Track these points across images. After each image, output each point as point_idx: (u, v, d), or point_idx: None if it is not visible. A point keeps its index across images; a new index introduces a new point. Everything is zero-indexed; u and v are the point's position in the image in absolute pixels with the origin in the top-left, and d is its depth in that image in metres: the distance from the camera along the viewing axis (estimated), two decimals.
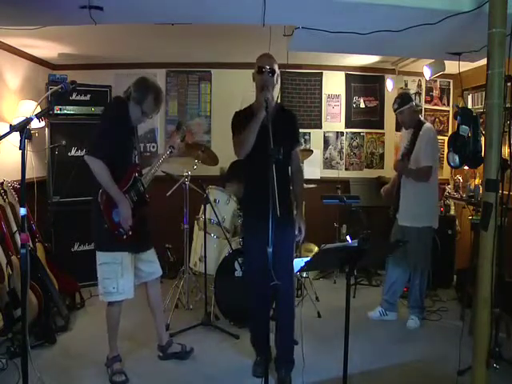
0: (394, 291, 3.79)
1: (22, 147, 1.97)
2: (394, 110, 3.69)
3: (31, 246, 3.47)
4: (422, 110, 5.26)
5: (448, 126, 5.50)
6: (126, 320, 2.86)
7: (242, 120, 2.70)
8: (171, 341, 3.10)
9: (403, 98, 3.65)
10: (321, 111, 5.36)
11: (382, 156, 5.45)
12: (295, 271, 2.78)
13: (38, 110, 3.39)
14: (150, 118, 2.84)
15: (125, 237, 2.68)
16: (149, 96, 2.71)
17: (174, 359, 3.05)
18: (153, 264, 2.96)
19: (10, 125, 2.10)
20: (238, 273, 3.54)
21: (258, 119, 2.55)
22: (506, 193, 2.41)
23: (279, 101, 4.58)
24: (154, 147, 5.21)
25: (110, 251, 2.69)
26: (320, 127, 5.37)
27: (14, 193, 3.39)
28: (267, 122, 2.38)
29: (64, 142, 4.31)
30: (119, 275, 2.69)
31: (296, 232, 2.75)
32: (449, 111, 5.51)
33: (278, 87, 2.80)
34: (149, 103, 2.72)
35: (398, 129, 5.28)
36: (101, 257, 2.72)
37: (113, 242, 2.67)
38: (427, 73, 4.45)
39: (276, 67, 2.69)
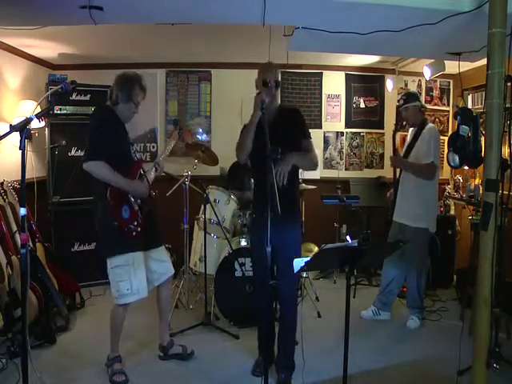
0: (389, 291, 3.79)
1: (22, 147, 1.97)
2: (400, 106, 3.73)
3: (31, 245, 3.47)
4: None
5: (448, 126, 5.50)
6: (127, 320, 2.86)
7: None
8: (172, 342, 3.09)
9: (410, 96, 3.70)
10: (321, 111, 5.36)
11: (381, 156, 5.45)
12: (295, 271, 2.78)
13: (38, 110, 3.43)
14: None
15: (134, 233, 2.68)
16: (135, 88, 2.75)
17: (174, 359, 3.05)
18: (164, 263, 2.95)
19: (10, 125, 2.09)
20: (238, 273, 3.53)
21: (254, 119, 2.52)
22: (506, 193, 2.41)
23: (279, 101, 4.57)
24: (153, 147, 5.21)
25: (121, 254, 2.67)
26: (320, 127, 5.37)
27: (14, 193, 3.39)
28: (264, 122, 2.37)
29: (64, 142, 4.30)
30: (132, 276, 2.68)
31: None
32: (449, 111, 5.51)
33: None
34: (137, 93, 2.77)
35: (398, 129, 5.28)
36: (112, 261, 2.69)
37: (122, 243, 2.66)
38: (427, 73, 4.45)
39: (279, 77, 2.68)
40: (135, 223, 2.70)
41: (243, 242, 3.67)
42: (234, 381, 2.86)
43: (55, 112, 4.30)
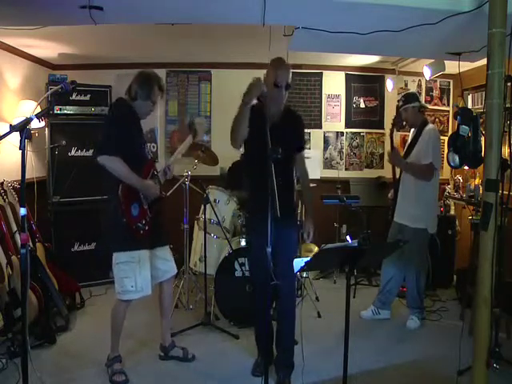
0: (388, 290, 3.79)
1: (22, 147, 1.97)
2: (399, 107, 3.73)
3: (31, 245, 3.47)
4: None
5: (448, 126, 5.50)
6: (127, 319, 2.86)
7: None
8: (174, 343, 3.09)
9: (408, 97, 3.69)
10: (321, 111, 5.36)
11: (381, 156, 5.45)
12: (295, 271, 2.78)
13: (38, 110, 3.42)
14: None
15: (142, 232, 2.68)
16: (154, 87, 2.78)
17: (174, 360, 3.05)
18: (168, 262, 2.96)
19: (10, 125, 2.09)
20: (238, 273, 3.53)
21: (247, 101, 2.44)
22: (506, 193, 2.41)
23: None
24: (154, 147, 5.21)
25: (128, 250, 2.68)
26: (320, 127, 5.37)
27: (14, 193, 3.39)
28: (266, 118, 2.36)
29: (64, 142, 4.30)
30: (137, 273, 2.69)
31: (305, 235, 2.73)
32: (449, 111, 5.51)
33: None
34: (156, 92, 2.80)
35: (397, 129, 5.28)
36: (118, 256, 2.71)
37: (130, 240, 2.66)
38: (427, 73, 4.45)
39: (290, 78, 2.63)
40: (143, 222, 2.71)
41: (243, 242, 3.67)
42: (234, 381, 2.86)
43: (55, 112, 4.30)
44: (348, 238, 4.69)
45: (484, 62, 2.38)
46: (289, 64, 2.68)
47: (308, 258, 1.92)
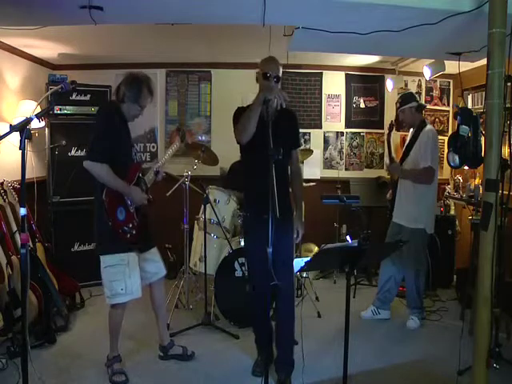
0: (387, 290, 3.79)
1: (22, 147, 1.97)
2: (397, 109, 3.73)
3: (31, 246, 3.47)
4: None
5: (448, 126, 5.50)
6: (126, 320, 2.86)
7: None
8: (173, 342, 3.09)
9: (405, 98, 3.69)
10: (321, 111, 5.36)
11: (381, 156, 5.45)
12: (295, 271, 2.79)
13: (38, 109, 3.43)
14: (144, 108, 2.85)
15: (129, 236, 2.67)
16: (143, 90, 2.73)
17: (174, 359, 3.05)
18: (157, 264, 2.95)
19: (10, 125, 2.10)
20: (238, 273, 3.54)
21: (260, 99, 2.42)
22: (506, 193, 2.41)
23: None
24: (153, 147, 5.21)
25: (116, 253, 2.67)
26: (320, 127, 5.37)
27: (14, 193, 3.39)
28: (267, 119, 2.35)
29: (64, 142, 4.31)
30: (127, 276, 2.67)
31: (294, 234, 2.74)
32: (449, 111, 5.51)
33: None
34: (145, 96, 2.75)
35: (398, 129, 5.29)
36: (106, 260, 2.68)
37: (118, 242, 2.65)
38: (427, 73, 4.45)
39: (281, 73, 2.66)
40: (130, 225, 2.68)
41: (243, 242, 3.66)
42: (234, 380, 2.86)
43: (55, 112, 4.30)
44: (348, 238, 4.72)
45: (484, 61, 2.38)
46: (278, 60, 2.68)
47: (308, 258, 1.92)
